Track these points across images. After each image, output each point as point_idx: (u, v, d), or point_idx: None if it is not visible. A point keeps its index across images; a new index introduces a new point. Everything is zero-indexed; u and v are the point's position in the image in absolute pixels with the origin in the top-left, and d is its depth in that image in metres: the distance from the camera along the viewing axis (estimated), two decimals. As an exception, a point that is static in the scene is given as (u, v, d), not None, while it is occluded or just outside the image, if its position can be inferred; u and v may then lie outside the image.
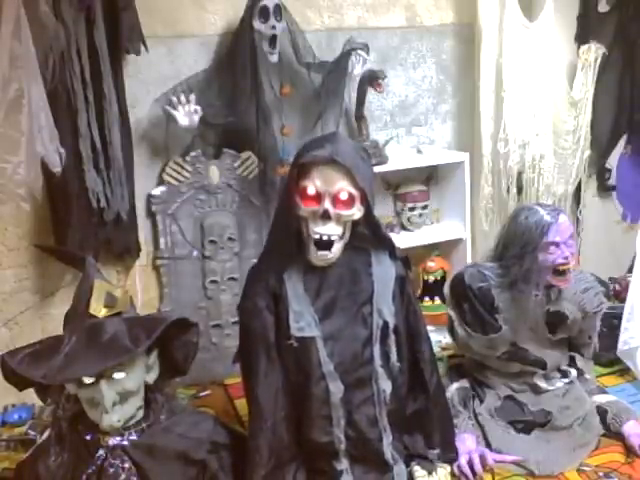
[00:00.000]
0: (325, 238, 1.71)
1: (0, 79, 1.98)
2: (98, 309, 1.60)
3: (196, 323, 1.74)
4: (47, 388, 1.66)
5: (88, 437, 1.64)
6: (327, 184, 1.68)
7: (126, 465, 1.61)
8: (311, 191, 1.69)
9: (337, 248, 1.74)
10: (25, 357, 1.57)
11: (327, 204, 1.68)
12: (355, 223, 1.77)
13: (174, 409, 1.76)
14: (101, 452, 1.62)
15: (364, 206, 1.74)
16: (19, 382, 1.61)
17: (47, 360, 1.53)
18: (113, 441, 1.62)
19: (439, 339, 2.69)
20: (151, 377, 1.69)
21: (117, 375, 1.57)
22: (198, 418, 1.79)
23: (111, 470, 1.60)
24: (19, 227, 2.43)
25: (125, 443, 1.63)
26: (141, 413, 1.68)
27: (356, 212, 1.73)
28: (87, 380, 1.55)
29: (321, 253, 1.73)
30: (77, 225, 2.30)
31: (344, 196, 1.69)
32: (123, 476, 1.60)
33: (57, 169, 2.16)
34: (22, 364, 1.55)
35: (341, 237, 1.74)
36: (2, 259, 2.43)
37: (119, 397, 1.59)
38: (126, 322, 1.60)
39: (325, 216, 1.69)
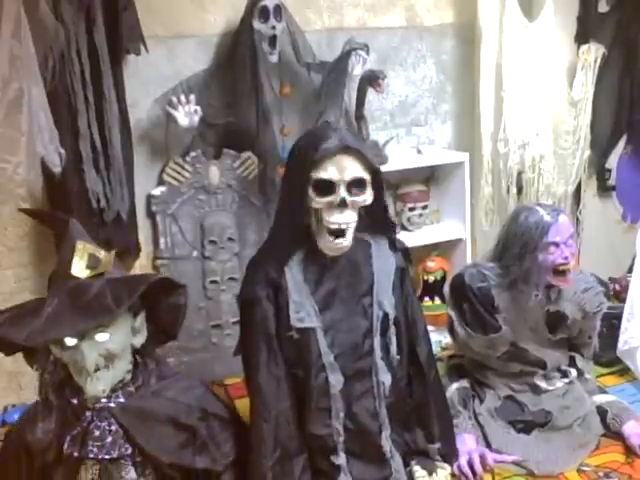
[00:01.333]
0: (344, 227, 1.71)
1: (0, 79, 1.98)
2: (81, 270, 1.56)
3: (183, 285, 1.70)
4: (33, 353, 1.63)
5: (75, 401, 1.60)
6: (341, 173, 1.68)
7: (113, 427, 1.58)
8: (327, 182, 1.68)
9: (351, 235, 1.73)
10: (6, 319, 1.53)
11: (343, 192, 1.68)
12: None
13: (164, 374, 1.73)
14: (87, 414, 1.59)
15: (374, 190, 1.75)
16: (4, 346, 1.57)
17: (29, 322, 1.50)
18: (99, 403, 1.59)
19: (439, 339, 2.69)
20: (138, 341, 1.66)
21: (100, 337, 1.54)
22: (189, 384, 1.76)
23: (97, 432, 1.57)
24: (19, 227, 2.43)
25: (112, 405, 1.60)
26: (129, 376, 1.65)
27: (368, 197, 1.73)
28: (69, 342, 1.52)
29: (337, 241, 1.72)
30: (77, 225, 2.30)
31: (359, 183, 1.70)
32: (110, 439, 1.57)
33: (57, 169, 2.16)
34: (3, 326, 1.52)
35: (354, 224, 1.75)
36: (2, 259, 2.43)
37: (103, 360, 1.56)
38: (109, 282, 1.57)
39: (342, 205, 1.69)
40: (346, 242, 1.73)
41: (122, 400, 1.62)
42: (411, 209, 3.00)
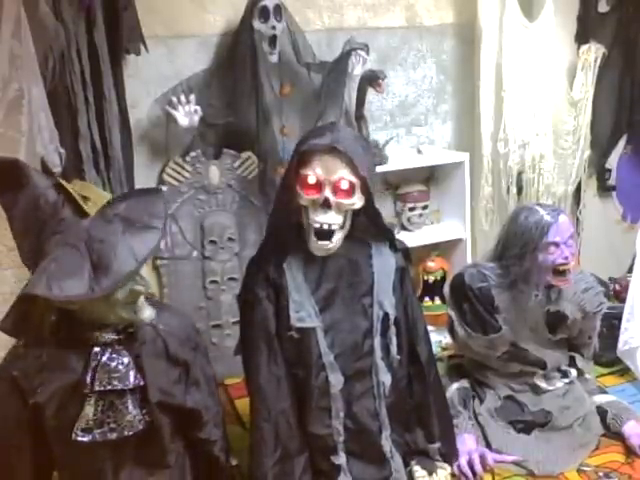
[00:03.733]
0: (325, 227, 1.69)
1: (0, 79, 1.98)
2: (89, 208, 1.50)
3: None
4: (26, 320, 1.52)
5: (77, 339, 1.54)
6: (328, 172, 1.67)
7: (125, 360, 1.55)
8: (312, 180, 1.68)
9: (338, 238, 1.72)
10: (49, 282, 1.40)
11: (328, 192, 1.67)
12: (356, 213, 1.76)
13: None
14: (96, 350, 1.53)
15: (365, 195, 1.73)
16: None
17: (79, 276, 1.40)
18: (110, 336, 1.55)
19: (439, 339, 2.69)
20: None
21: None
22: (179, 318, 1.72)
23: (112, 365, 1.53)
24: (19, 227, 2.42)
25: (121, 337, 1.56)
26: None
27: (357, 201, 1.72)
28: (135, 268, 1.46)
29: (321, 243, 1.71)
30: (77, 225, 2.30)
31: (345, 185, 1.68)
32: (123, 370, 1.54)
33: (57, 169, 2.15)
34: (55, 290, 1.39)
35: (342, 227, 1.73)
36: (2, 259, 2.43)
37: None
38: (117, 210, 1.50)
39: (325, 205, 1.68)
40: (331, 245, 1.72)
41: (131, 330, 1.58)
42: (411, 209, 3.01)
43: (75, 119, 2.26)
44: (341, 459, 1.81)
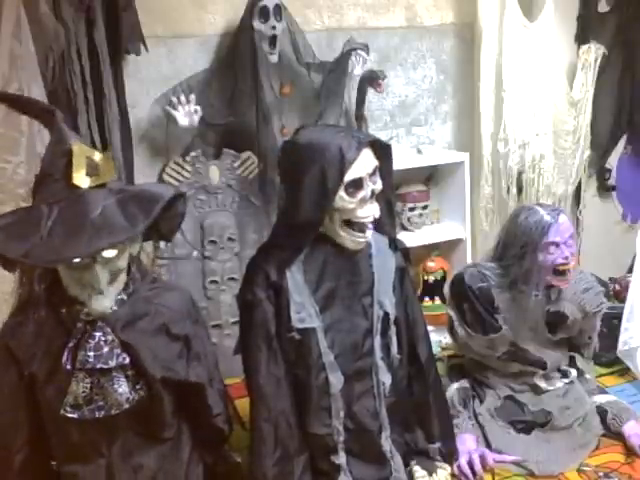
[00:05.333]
0: (376, 217, 1.72)
1: (0, 79, 1.98)
2: (82, 179, 1.39)
3: (184, 193, 1.62)
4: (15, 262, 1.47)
5: (63, 311, 1.52)
6: (366, 167, 1.69)
7: (108, 337, 1.51)
8: (359, 181, 1.68)
9: (371, 225, 1.75)
10: (1, 230, 1.38)
11: (370, 184, 1.70)
12: None
13: (152, 281, 1.68)
14: (79, 325, 1.50)
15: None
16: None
17: (27, 236, 1.34)
18: (90, 315, 1.51)
19: (439, 339, 2.69)
20: (135, 248, 1.58)
21: (108, 253, 1.43)
22: (177, 294, 1.69)
23: (92, 343, 1.50)
24: (19, 227, 2.42)
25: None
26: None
27: (380, 182, 1.75)
28: (76, 260, 1.40)
29: (367, 234, 1.74)
30: (77, 225, 2.30)
31: (376, 171, 1.72)
32: (106, 349, 1.50)
33: (57, 169, 2.16)
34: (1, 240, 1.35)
35: None
36: (2, 259, 2.43)
37: (110, 276, 1.48)
38: (116, 196, 1.43)
39: (372, 196, 1.71)
40: (371, 234, 1.75)
41: (115, 308, 1.53)
42: (411, 209, 3.00)
43: (75, 119, 2.26)
44: (341, 459, 1.81)
